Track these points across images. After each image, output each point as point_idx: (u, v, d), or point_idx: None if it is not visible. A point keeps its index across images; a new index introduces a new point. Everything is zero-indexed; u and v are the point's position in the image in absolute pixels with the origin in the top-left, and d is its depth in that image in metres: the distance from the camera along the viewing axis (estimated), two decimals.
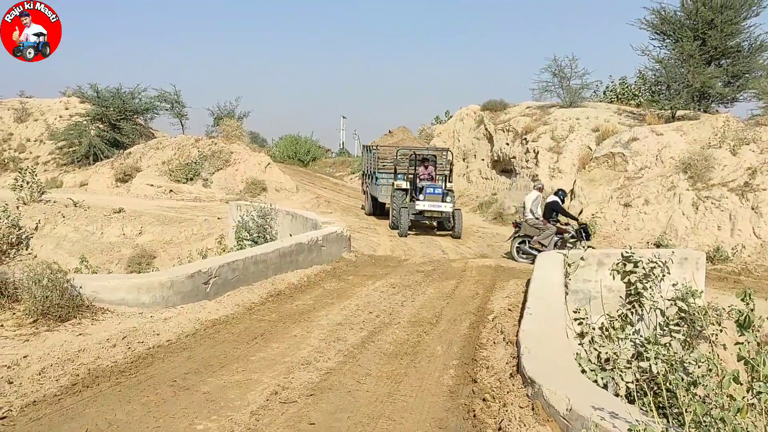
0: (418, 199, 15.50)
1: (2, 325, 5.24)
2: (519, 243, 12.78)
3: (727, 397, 2.29)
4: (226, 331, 5.80)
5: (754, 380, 2.30)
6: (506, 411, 3.70)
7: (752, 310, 2.44)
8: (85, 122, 32.28)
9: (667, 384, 3.20)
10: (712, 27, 22.38)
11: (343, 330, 6.07)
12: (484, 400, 4.04)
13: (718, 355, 3.79)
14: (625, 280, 8.15)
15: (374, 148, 20.55)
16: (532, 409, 3.62)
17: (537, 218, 12.80)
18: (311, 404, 4.04)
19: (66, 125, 33.52)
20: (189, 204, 23.48)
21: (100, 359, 4.59)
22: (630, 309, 8.09)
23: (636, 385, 4.90)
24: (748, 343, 2.40)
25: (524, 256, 12.51)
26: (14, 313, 5.47)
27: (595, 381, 4.70)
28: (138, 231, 19.32)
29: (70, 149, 32.26)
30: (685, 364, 4.29)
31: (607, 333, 6.18)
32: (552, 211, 12.96)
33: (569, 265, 9.08)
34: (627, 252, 8.17)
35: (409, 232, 15.53)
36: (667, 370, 4.29)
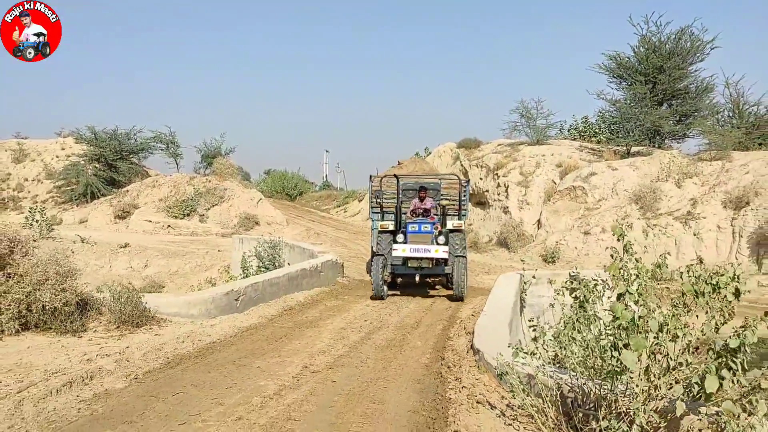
0: (395, 242, 11.25)
1: (96, 330, 7.08)
2: None
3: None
4: (257, 334, 7.69)
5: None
6: (461, 370, 5.65)
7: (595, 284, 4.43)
8: (82, 162, 34.00)
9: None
10: (661, 72, 24.91)
11: (346, 332, 7.97)
12: (448, 367, 5.97)
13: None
14: (573, 295, 10.16)
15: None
16: (477, 367, 5.57)
17: None
18: (331, 372, 5.94)
19: (63, 165, 35.19)
20: (188, 238, 25.24)
21: (177, 349, 6.46)
22: (576, 319, 10.08)
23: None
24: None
25: None
26: (101, 322, 7.32)
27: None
28: (144, 264, 21.06)
29: (69, 188, 33.88)
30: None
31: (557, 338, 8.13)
32: None
33: (525, 283, 11.08)
34: (573, 272, 10.19)
35: (390, 293, 11.43)
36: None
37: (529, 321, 8.08)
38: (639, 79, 25.10)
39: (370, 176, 14.34)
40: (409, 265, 11.28)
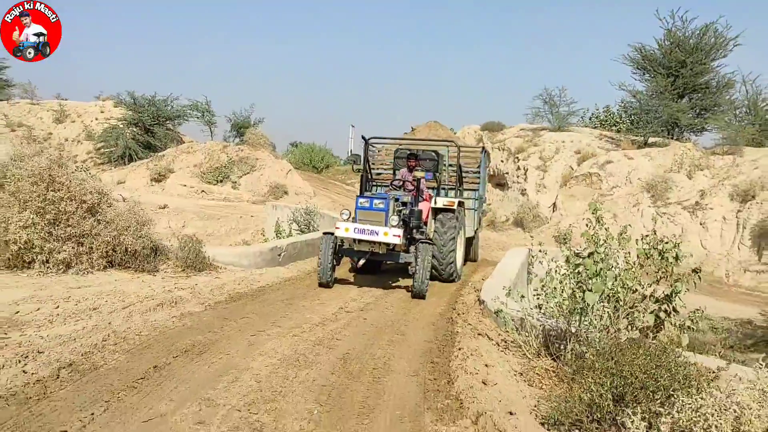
0: (340, 220, 9.12)
1: (166, 271, 8.49)
2: None
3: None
4: (298, 283, 9.06)
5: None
6: (467, 315, 6.96)
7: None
8: (121, 125, 35.61)
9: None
10: (684, 66, 25.63)
11: (372, 287, 9.31)
12: (457, 314, 7.28)
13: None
14: (569, 262, 11.38)
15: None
16: (482, 313, 6.88)
17: None
18: (362, 313, 7.28)
19: (103, 128, 36.84)
20: (221, 203, 26.73)
21: (236, 288, 7.85)
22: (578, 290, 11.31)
23: None
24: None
25: None
26: (169, 265, 8.72)
27: None
28: (182, 224, 22.52)
29: (107, 150, 35.53)
30: None
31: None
32: None
33: (533, 256, 12.31)
34: (577, 249, 11.42)
35: (343, 277, 9.82)
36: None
37: (534, 290, 9.31)
38: (661, 72, 25.87)
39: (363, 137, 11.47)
40: (357, 248, 9.06)
